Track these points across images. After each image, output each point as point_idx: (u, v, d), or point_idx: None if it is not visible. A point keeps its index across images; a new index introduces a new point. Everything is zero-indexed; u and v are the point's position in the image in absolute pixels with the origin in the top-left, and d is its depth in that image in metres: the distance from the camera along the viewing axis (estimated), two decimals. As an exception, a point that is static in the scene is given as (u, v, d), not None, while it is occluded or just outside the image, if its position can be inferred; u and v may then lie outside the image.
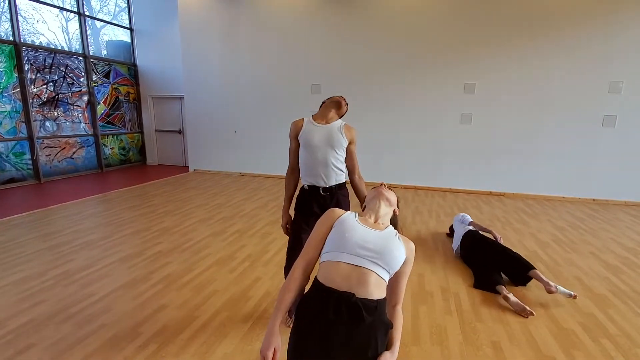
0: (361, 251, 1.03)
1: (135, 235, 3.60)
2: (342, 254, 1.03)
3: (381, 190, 1.28)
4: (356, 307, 0.97)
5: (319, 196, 1.90)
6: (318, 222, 1.17)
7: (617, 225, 4.25)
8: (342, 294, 0.98)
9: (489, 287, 2.57)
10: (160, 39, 7.64)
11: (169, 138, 8.27)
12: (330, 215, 1.17)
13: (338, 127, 1.91)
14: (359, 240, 1.05)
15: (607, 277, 2.87)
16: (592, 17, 4.95)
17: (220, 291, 2.51)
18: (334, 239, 1.08)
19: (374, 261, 1.02)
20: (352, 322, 0.97)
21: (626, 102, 5.03)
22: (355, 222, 1.13)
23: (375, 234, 1.10)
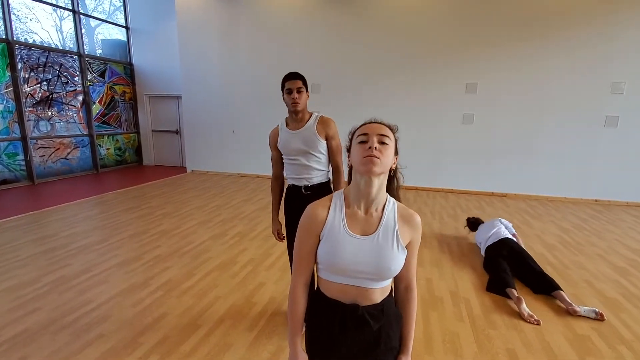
0: (355, 273, 0.93)
1: (133, 239, 3.50)
2: (336, 276, 0.95)
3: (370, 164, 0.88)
4: (362, 319, 0.94)
5: (302, 195, 1.91)
6: (301, 229, 0.98)
7: (621, 226, 4.22)
8: (346, 307, 0.94)
9: (501, 290, 2.52)
10: (157, 37, 7.52)
11: (166, 138, 8.15)
12: (313, 222, 0.96)
13: (312, 126, 1.86)
14: (350, 263, 0.92)
15: (617, 280, 2.83)
16: (593, 17, 4.92)
17: (222, 297, 2.43)
18: (324, 256, 0.94)
19: (371, 279, 0.93)
20: (359, 332, 0.96)
21: (628, 102, 5.01)
22: (343, 233, 0.93)
23: (368, 246, 0.92)
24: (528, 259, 2.74)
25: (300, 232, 0.98)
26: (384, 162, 0.90)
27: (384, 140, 0.92)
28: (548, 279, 2.54)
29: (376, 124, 0.95)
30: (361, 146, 0.91)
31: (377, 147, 0.89)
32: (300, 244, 0.98)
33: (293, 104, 1.83)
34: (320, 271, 0.99)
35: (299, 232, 0.98)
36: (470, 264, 3.09)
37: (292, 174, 1.94)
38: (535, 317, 2.22)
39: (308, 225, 0.96)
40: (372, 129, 0.93)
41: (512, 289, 2.46)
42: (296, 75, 1.86)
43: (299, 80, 1.85)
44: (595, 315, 2.24)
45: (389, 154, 0.92)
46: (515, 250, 2.84)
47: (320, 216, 0.95)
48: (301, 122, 1.88)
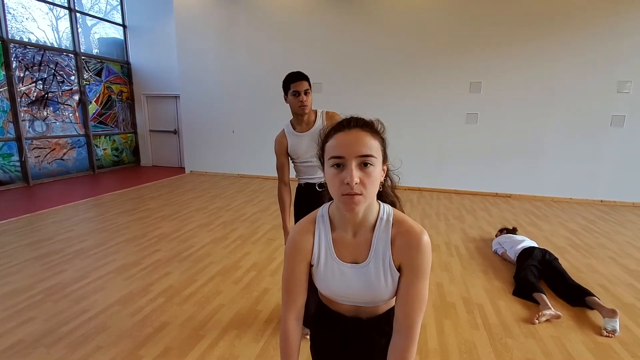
0: (349, 299, 0.85)
1: (131, 243, 3.38)
2: (332, 297, 0.87)
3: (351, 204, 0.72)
4: (366, 335, 0.89)
5: (315, 192, 1.86)
6: (289, 258, 0.85)
7: (630, 228, 4.15)
8: (348, 321, 0.88)
9: (529, 294, 2.46)
10: (154, 36, 7.39)
11: (164, 138, 8.02)
12: (299, 252, 0.84)
13: (320, 125, 1.81)
14: (343, 292, 0.84)
15: (632, 284, 2.74)
16: (598, 15, 4.85)
17: (226, 305, 2.32)
18: (317, 280, 0.86)
19: (366, 302, 0.86)
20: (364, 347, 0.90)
21: (635, 101, 4.94)
22: (331, 262, 0.83)
23: (359, 276, 0.81)
24: (562, 273, 2.65)
25: (287, 262, 0.85)
26: (369, 194, 0.72)
27: (367, 160, 0.71)
28: (582, 288, 2.45)
29: (352, 135, 0.72)
30: (336, 175, 0.72)
31: (357, 180, 0.69)
32: (289, 273, 0.85)
33: (301, 107, 1.75)
34: (319, 289, 0.90)
35: (285, 260, 0.86)
36: (480, 267, 3.00)
37: (305, 175, 1.88)
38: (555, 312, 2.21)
39: (295, 255, 0.84)
40: (348, 148, 0.71)
41: (542, 294, 2.38)
42: (302, 76, 1.76)
43: (305, 81, 1.76)
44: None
45: (375, 177, 0.72)
46: (546, 260, 2.78)
47: (307, 243, 0.83)
48: (309, 123, 1.82)
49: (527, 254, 2.86)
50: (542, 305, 2.31)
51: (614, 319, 2.12)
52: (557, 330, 2.13)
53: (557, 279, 2.63)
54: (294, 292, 0.86)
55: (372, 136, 0.74)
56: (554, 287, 2.62)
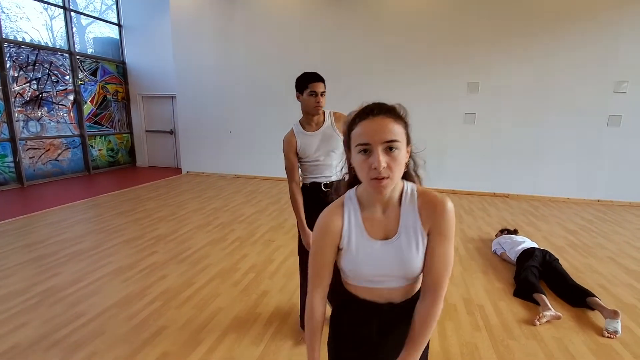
0: (380, 278, 0.86)
1: (128, 244, 3.34)
2: (361, 281, 0.88)
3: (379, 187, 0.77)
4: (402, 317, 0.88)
5: (321, 192, 1.87)
6: (317, 241, 0.87)
7: (628, 227, 4.16)
8: (382, 307, 0.88)
9: (529, 295, 2.45)
10: (150, 35, 7.33)
11: (160, 139, 7.96)
12: (328, 234, 0.86)
13: (330, 124, 1.87)
14: (373, 270, 0.85)
15: (631, 284, 2.74)
16: (596, 16, 4.86)
17: (225, 309, 2.29)
18: (348, 267, 0.87)
19: (397, 279, 0.87)
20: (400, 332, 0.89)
21: (631, 101, 4.96)
22: (363, 241, 0.85)
23: (391, 251, 0.84)
24: (563, 274, 2.65)
25: (316, 245, 0.87)
26: (396, 176, 0.77)
27: (392, 145, 0.75)
28: (582, 289, 2.44)
29: (377, 122, 0.76)
30: (365, 160, 0.76)
31: (384, 165, 0.74)
32: (317, 256, 0.88)
33: (316, 107, 1.79)
34: (346, 277, 0.91)
35: (313, 244, 0.88)
36: (480, 268, 2.99)
37: (312, 174, 1.88)
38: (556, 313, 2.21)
39: (324, 238, 0.86)
40: (374, 135, 0.75)
41: (542, 294, 2.37)
42: (320, 78, 1.82)
43: (323, 83, 1.81)
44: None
45: (400, 160, 0.77)
46: (546, 261, 2.78)
47: (336, 226, 0.85)
48: (318, 123, 1.87)
49: (528, 255, 2.86)
50: (542, 306, 2.31)
51: (615, 320, 2.11)
52: (559, 331, 2.12)
53: (558, 280, 2.62)
54: (321, 273, 0.89)
55: (396, 121, 0.78)
56: (554, 288, 2.61)
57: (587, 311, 2.35)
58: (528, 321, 2.22)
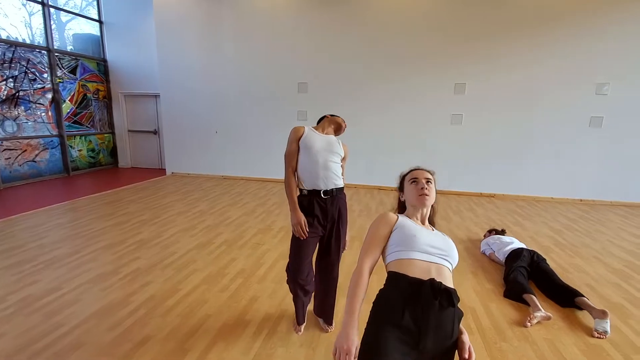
0: (431, 249, 1.12)
1: (109, 250, 3.21)
2: (414, 252, 1.11)
3: (424, 196, 1.28)
4: (447, 293, 1.04)
5: (320, 199, 1.90)
6: (376, 224, 1.23)
7: (610, 227, 4.26)
8: (432, 281, 1.05)
9: (519, 296, 2.46)
10: (132, 32, 7.12)
11: (143, 139, 7.75)
12: (389, 218, 1.24)
13: (336, 139, 2.03)
14: (427, 240, 1.14)
15: (617, 283, 2.79)
16: (579, 19, 4.97)
17: (213, 316, 2.20)
18: (401, 240, 1.15)
19: (443, 257, 1.13)
20: (442, 309, 1.03)
21: (612, 103, 5.09)
22: (416, 225, 1.22)
23: (434, 235, 1.21)
24: (551, 273, 2.67)
25: (374, 226, 1.23)
26: (432, 196, 1.29)
27: (429, 180, 1.33)
28: (571, 289, 2.46)
29: (421, 170, 1.38)
30: (414, 186, 1.31)
31: (426, 187, 1.29)
32: (374, 232, 1.21)
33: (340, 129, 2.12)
34: (395, 254, 1.14)
35: (372, 228, 1.23)
36: (470, 269, 2.99)
37: (308, 175, 1.90)
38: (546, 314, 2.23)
39: (383, 221, 1.23)
40: (420, 174, 1.35)
41: (532, 295, 2.38)
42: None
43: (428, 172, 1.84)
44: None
45: (434, 190, 1.31)
46: (534, 261, 2.81)
47: (392, 218, 1.24)
48: (329, 133, 2.06)
49: (516, 256, 2.87)
50: (532, 307, 2.31)
51: (604, 320, 2.13)
52: (549, 332, 2.13)
53: (546, 280, 2.64)
54: (374, 246, 1.19)
55: (430, 174, 1.38)
56: (543, 288, 2.63)
57: (575, 311, 2.37)
58: (519, 322, 2.22)
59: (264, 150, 6.41)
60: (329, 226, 1.94)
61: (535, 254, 2.89)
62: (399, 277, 1.08)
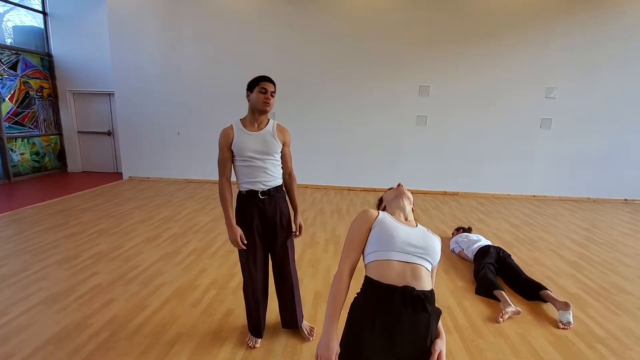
0: (409, 248, 1.09)
1: (62, 265, 2.91)
2: (391, 253, 1.08)
3: (402, 190, 1.33)
4: (420, 299, 1.03)
5: (258, 200, 1.87)
6: (356, 224, 1.18)
7: (561, 220, 4.60)
8: (404, 288, 1.03)
9: (490, 292, 2.56)
10: (81, 25, 6.56)
11: (96, 141, 7.19)
12: (367, 217, 1.18)
13: (271, 131, 1.88)
14: (405, 239, 1.10)
15: (573, 274, 3.00)
16: (530, 31, 5.31)
17: (185, 334, 2.06)
18: (379, 239, 1.11)
19: (421, 256, 1.09)
20: (416, 313, 1.03)
21: (560, 106, 5.51)
22: (395, 222, 1.16)
23: (414, 231, 1.15)
24: (516, 268, 2.80)
25: (354, 225, 1.18)
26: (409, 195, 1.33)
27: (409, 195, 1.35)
28: (535, 283, 2.60)
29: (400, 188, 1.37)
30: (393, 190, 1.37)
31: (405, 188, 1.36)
32: (353, 233, 1.17)
33: (265, 103, 1.81)
34: (372, 255, 1.11)
35: (352, 226, 1.18)
36: (441, 267, 3.08)
37: (247, 178, 1.85)
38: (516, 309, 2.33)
39: (362, 220, 1.17)
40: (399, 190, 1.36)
41: (501, 290, 2.48)
42: (272, 80, 1.87)
43: (273, 85, 1.86)
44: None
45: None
46: (500, 257, 2.94)
47: (373, 214, 1.18)
48: (261, 125, 1.87)
49: (484, 253, 3.00)
50: (502, 303, 2.42)
51: (567, 312, 2.28)
52: (520, 326, 2.23)
53: (512, 275, 2.78)
54: (354, 246, 1.15)
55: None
56: (509, 283, 2.77)
57: (540, 304, 2.51)
58: (492, 319, 2.31)
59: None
60: (271, 230, 1.91)
61: (501, 250, 3.03)
62: (373, 284, 1.07)
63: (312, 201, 5.24)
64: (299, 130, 6.01)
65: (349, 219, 4.41)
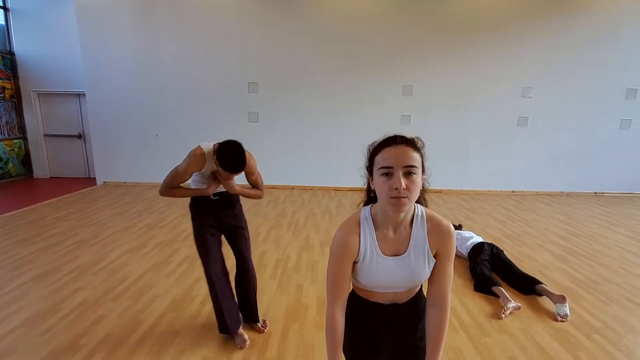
0: (391, 287, 0.99)
1: (41, 281, 2.69)
2: (374, 288, 0.99)
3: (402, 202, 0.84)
4: (404, 316, 1.02)
5: (210, 200, 1.95)
6: (337, 258, 0.95)
7: (542, 214, 4.79)
8: (388, 308, 1.01)
9: (489, 289, 2.59)
10: (47, 21, 6.14)
11: (65, 144, 6.77)
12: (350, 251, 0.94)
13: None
14: (387, 281, 0.96)
15: (562, 267, 3.12)
16: (507, 33, 5.51)
17: (188, 349, 1.95)
18: (362, 275, 0.97)
19: (406, 287, 1.00)
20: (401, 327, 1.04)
21: (536, 105, 5.74)
22: (376, 257, 0.94)
23: (400, 265, 0.95)
24: (510, 264, 2.86)
25: (336, 260, 0.96)
26: (413, 197, 0.86)
27: (411, 170, 0.85)
28: (530, 277, 2.67)
29: (400, 150, 0.86)
30: (386, 182, 0.85)
31: (404, 186, 0.83)
32: (336, 271, 0.96)
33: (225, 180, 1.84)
34: (358, 283, 1.00)
35: (333, 260, 0.96)
36: (438, 266, 3.11)
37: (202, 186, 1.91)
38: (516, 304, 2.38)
39: (343, 255, 0.95)
40: (396, 160, 0.85)
41: (499, 287, 2.53)
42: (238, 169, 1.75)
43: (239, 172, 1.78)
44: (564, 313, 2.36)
45: (417, 183, 0.86)
46: (494, 253, 2.99)
47: (354, 245, 0.94)
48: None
49: (478, 250, 3.06)
50: (502, 299, 2.47)
51: (564, 304, 2.36)
52: (522, 321, 2.28)
53: (507, 271, 2.85)
54: (341, 287, 0.96)
55: (415, 151, 0.88)
56: (505, 279, 2.83)
57: (536, 297, 2.59)
58: (494, 315, 2.35)
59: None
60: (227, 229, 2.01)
61: (494, 247, 3.10)
62: (359, 299, 1.04)
63: (301, 202, 5.17)
64: (284, 132, 5.93)
65: (340, 220, 4.38)
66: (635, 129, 5.78)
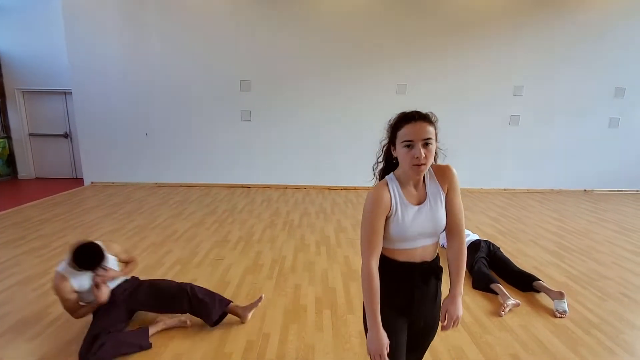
0: (420, 237, 1.13)
1: (28, 285, 2.59)
2: (405, 243, 1.12)
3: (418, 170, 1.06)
4: (435, 271, 1.18)
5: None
6: (372, 213, 1.09)
7: (533, 212, 4.84)
8: (421, 265, 1.14)
9: (487, 286, 2.59)
10: (32, 17, 5.95)
11: (51, 144, 6.59)
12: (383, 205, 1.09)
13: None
14: (417, 231, 1.11)
15: (556, 264, 3.15)
16: (501, 34, 5.56)
17: (185, 355, 1.88)
18: (394, 231, 1.11)
19: (431, 237, 1.15)
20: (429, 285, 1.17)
21: (527, 103, 5.81)
22: (406, 207, 1.11)
23: (424, 212, 1.12)
24: (507, 261, 2.87)
25: (372, 216, 1.09)
26: (429, 162, 1.07)
27: (428, 142, 1.05)
28: (527, 274, 2.67)
29: (419, 125, 1.05)
30: (407, 152, 1.06)
31: (423, 155, 1.03)
32: (372, 226, 1.09)
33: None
34: (389, 243, 1.13)
35: (369, 216, 1.09)
36: (435, 264, 3.10)
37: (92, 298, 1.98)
38: (515, 301, 2.38)
39: (378, 208, 1.09)
40: (416, 134, 1.04)
41: (498, 284, 2.53)
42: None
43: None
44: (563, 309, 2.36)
45: (433, 151, 1.07)
46: (491, 251, 2.99)
47: (386, 200, 1.10)
48: None
49: (475, 247, 3.05)
50: (501, 296, 2.46)
51: (562, 301, 2.36)
52: (522, 318, 2.28)
53: (504, 268, 2.85)
54: (376, 241, 1.10)
55: (430, 125, 1.07)
56: (502, 276, 2.84)
57: (534, 294, 2.59)
58: (494, 313, 2.34)
59: (206, 153, 5.91)
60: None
61: (490, 244, 3.10)
62: (389, 261, 1.15)
63: (295, 202, 5.12)
64: (277, 131, 5.87)
65: (335, 219, 4.35)
66: (624, 127, 5.90)
